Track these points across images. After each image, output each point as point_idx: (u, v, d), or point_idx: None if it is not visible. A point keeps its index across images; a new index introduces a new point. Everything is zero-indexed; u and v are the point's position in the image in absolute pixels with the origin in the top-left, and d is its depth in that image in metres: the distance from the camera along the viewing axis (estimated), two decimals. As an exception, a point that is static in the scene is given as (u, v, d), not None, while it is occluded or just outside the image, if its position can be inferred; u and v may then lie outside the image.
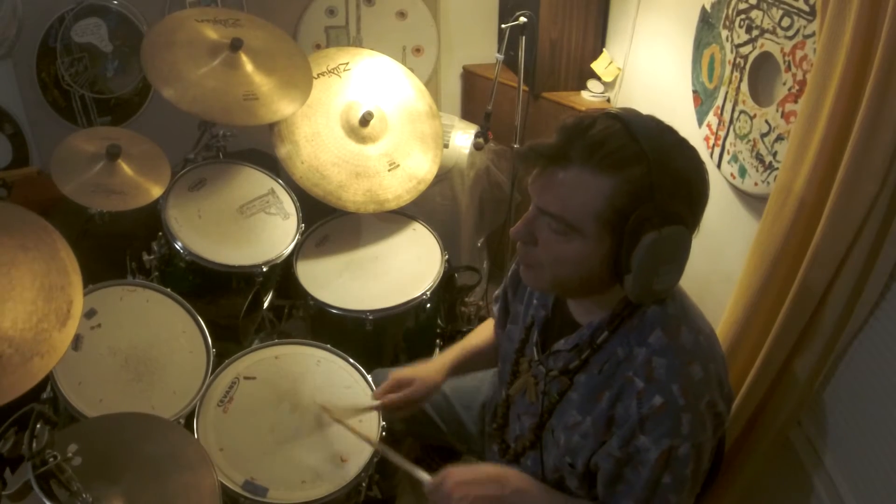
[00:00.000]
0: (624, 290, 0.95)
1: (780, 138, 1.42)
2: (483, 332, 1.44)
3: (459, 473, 1.08)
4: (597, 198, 0.90)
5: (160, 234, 1.82)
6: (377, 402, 1.40)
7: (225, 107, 1.82)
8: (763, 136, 1.48)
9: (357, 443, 1.44)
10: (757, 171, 1.50)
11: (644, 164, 0.88)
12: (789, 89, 1.38)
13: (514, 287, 1.28)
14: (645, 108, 0.97)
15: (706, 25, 1.71)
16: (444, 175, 2.36)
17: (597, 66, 2.37)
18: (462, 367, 1.40)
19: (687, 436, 0.94)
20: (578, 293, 1.05)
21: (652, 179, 0.88)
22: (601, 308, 1.02)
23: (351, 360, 1.60)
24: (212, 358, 1.58)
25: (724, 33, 1.62)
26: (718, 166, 1.65)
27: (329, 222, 2.08)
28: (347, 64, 2.12)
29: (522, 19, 2.04)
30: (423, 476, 1.12)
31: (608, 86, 2.39)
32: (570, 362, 1.06)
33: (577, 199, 0.91)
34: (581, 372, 1.04)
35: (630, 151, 0.89)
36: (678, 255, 0.92)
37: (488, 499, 1.06)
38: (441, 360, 1.39)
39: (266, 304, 1.98)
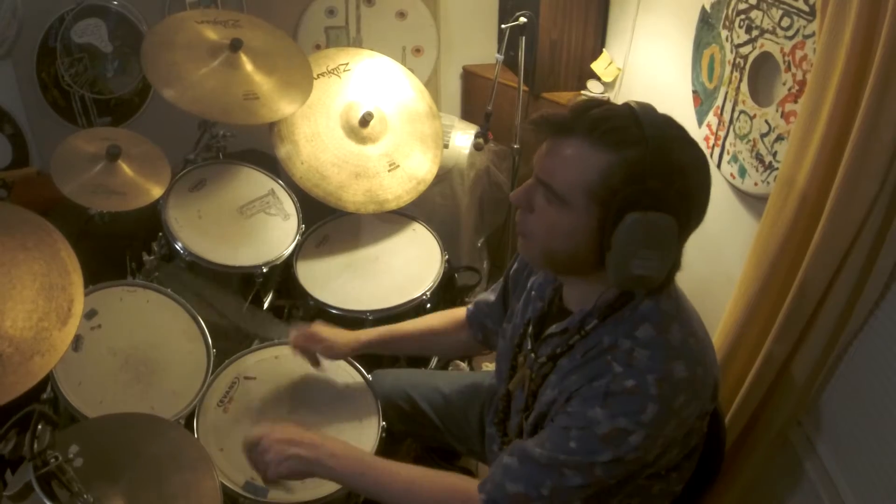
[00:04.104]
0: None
1: (780, 138, 1.42)
2: (422, 321, 1.47)
3: (277, 432, 1.11)
4: (590, 171, 0.92)
5: (160, 234, 1.82)
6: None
7: (225, 106, 1.82)
8: (763, 136, 1.48)
9: (357, 442, 1.44)
10: (757, 171, 1.50)
11: (642, 147, 0.90)
12: (789, 89, 1.39)
13: (514, 285, 1.29)
14: (645, 109, 0.98)
15: (706, 25, 1.72)
16: (444, 175, 2.36)
17: (597, 66, 2.37)
18: (382, 346, 1.48)
19: (646, 424, 0.93)
20: (567, 269, 1.05)
21: (647, 164, 0.89)
22: (594, 297, 1.03)
23: (351, 360, 1.60)
24: (212, 358, 1.58)
25: (724, 33, 1.62)
26: (718, 166, 1.66)
27: (329, 222, 2.08)
28: (347, 64, 2.12)
29: (522, 19, 2.04)
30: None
31: (608, 86, 2.39)
32: (557, 347, 1.06)
33: (571, 171, 0.93)
34: (564, 356, 1.05)
35: (631, 133, 0.91)
36: (662, 243, 0.91)
37: (301, 459, 1.08)
38: (358, 334, 1.47)
39: (266, 304, 1.98)
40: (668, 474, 1.08)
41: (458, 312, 1.45)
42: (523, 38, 2.08)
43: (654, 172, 0.89)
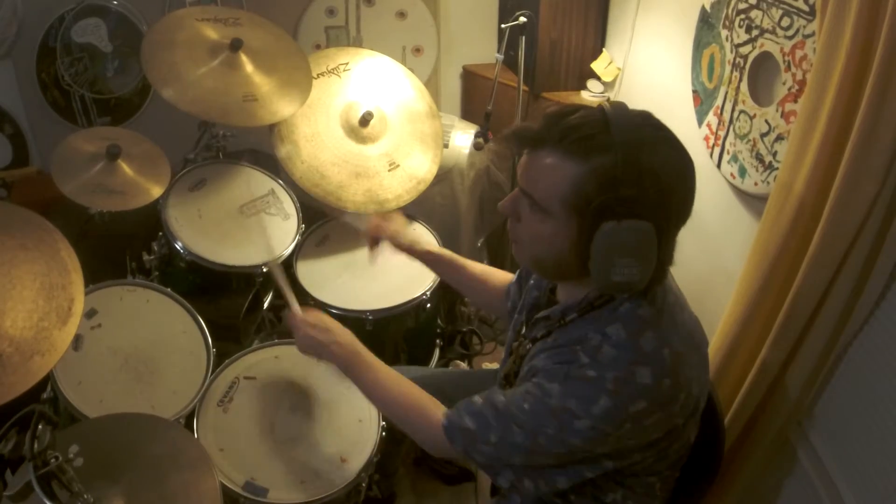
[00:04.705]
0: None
1: (779, 138, 1.42)
2: (482, 266, 1.49)
3: (321, 318, 1.25)
4: (564, 181, 0.92)
5: (160, 234, 1.82)
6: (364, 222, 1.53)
7: (224, 108, 1.82)
8: (763, 135, 1.48)
9: (357, 443, 1.45)
10: (757, 170, 1.50)
11: (612, 154, 0.90)
12: (789, 89, 1.39)
13: (526, 279, 1.30)
14: (644, 108, 0.97)
15: (706, 25, 1.72)
16: (444, 175, 2.36)
17: (596, 66, 2.37)
18: (436, 262, 1.50)
19: (595, 416, 0.93)
20: (554, 275, 1.07)
21: (617, 171, 0.89)
22: (581, 294, 1.04)
23: (351, 360, 1.60)
24: (212, 358, 1.58)
25: (724, 33, 1.62)
26: (718, 166, 1.66)
27: (329, 222, 2.08)
28: (347, 64, 2.12)
29: (522, 19, 2.04)
30: (295, 307, 1.31)
31: (608, 86, 2.39)
32: (539, 332, 1.08)
33: (546, 182, 0.95)
34: (540, 340, 1.07)
35: (600, 140, 0.91)
36: (640, 250, 0.91)
37: (326, 345, 1.21)
38: (430, 244, 1.51)
39: (266, 304, 1.98)
40: (646, 478, 1.07)
41: (508, 277, 1.46)
42: (523, 37, 2.07)
43: (626, 179, 0.89)
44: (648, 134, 0.93)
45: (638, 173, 0.89)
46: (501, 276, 1.46)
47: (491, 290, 1.44)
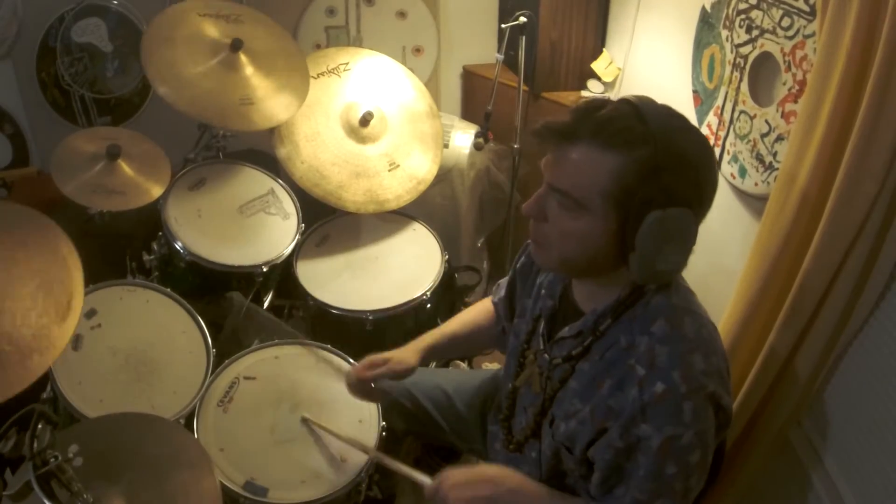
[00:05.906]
0: (628, 273, 0.96)
1: (780, 138, 1.42)
2: (464, 318, 1.45)
3: (455, 476, 1.10)
4: (603, 174, 0.92)
5: (160, 234, 1.82)
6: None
7: (221, 110, 1.82)
8: (763, 136, 1.48)
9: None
10: (757, 171, 1.50)
11: (651, 144, 0.90)
12: (789, 89, 1.39)
13: (522, 281, 1.28)
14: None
15: (706, 25, 1.72)
16: (444, 175, 2.36)
17: (597, 66, 2.37)
18: (438, 352, 1.41)
19: (689, 423, 0.94)
20: (585, 273, 1.06)
21: (658, 160, 0.90)
22: (606, 295, 1.03)
23: (351, 361, 1.60)
24: (212, 358, 1.58)
25: (724, 33, 1.62)
26: (719, 166, 1.66)
27: (329, 222, 2.08)
28: (347, 64, 2.12)
29: (522, 19, 2.04)
30: (424, 479, 1.14)
31: (608, 86, 2.39)
32: (572, 349, 1.06)
33: (584, 176, 0.94)
34: (583, 359, 1.05)
35: (637, 132, 0.91)
36: (682, 236, 0.93)
37: (483, 499, 1.07)
38: (416, 343, 1.38)
39: (266, 304, 1.98)
40: None
41: (489, 305, 1.42)
42: (523, 37, 2.08)
43: (665, 167, 0.90)
44: (676, 123, 0.95)
45: (677, 161, 0.91)
46: (486, 309, 1.42)
47: (491, 329, 1.41)
